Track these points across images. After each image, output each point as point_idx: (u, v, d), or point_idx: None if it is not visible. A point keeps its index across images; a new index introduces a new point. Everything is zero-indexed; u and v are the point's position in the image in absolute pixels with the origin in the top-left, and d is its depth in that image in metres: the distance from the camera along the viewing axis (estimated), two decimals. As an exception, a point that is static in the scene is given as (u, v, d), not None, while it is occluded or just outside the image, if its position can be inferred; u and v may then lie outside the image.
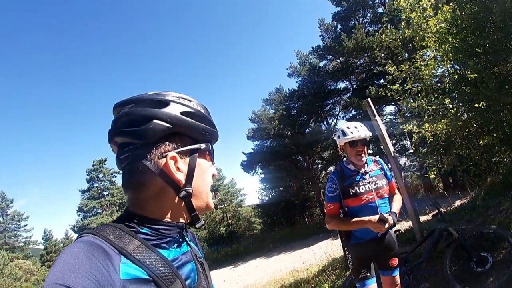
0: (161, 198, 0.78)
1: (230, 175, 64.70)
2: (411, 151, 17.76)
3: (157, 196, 0.78)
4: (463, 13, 4.65)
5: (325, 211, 2.67)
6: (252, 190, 72.49)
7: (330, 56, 21.37)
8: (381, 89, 7.49)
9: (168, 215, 0.79)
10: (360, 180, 2.64)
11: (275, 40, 66.20)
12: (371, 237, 2.64)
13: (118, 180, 27.26)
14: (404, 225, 6.95)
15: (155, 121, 0.77)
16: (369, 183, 2.64)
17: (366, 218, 2.49)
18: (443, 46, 5.34)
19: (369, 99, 5.33)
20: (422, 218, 5.92)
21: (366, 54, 18.59)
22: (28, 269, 24.19)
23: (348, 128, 2.65)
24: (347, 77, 21.50)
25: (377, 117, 5.13)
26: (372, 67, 19.34)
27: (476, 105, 5.03)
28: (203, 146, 0.84)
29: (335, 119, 24.02)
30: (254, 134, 24.48)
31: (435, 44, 5.55)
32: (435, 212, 4.20)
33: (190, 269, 0.82)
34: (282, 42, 64.28)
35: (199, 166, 0.83)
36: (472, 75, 5.08)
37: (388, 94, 6.92)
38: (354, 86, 21.49)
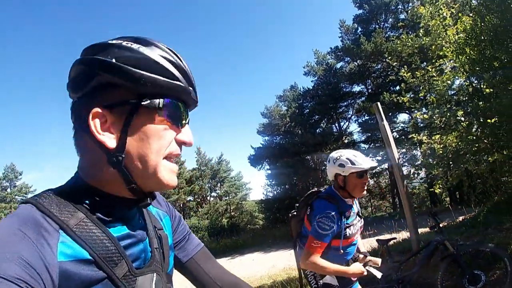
0: (98, 165, 0.66)
1: (237, 168, 64.89)
2: (420, 162, 17.56)
3: (94, 162, 0.66)
4: (483, 25, 4.54)
5: (307, 246, 2.10)
6: (257, 185, 72.41)
7: (348, 58, 21.27)
8: (394, 95, 7.39)
9: (110, 187, 0.67)
10: (355, 218, 2.22)
11: (295, 37, 65.69)
12: None
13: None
14: (403, 235, 6.89)
15: (80, 66, 0.66)
16: (358, 221, 2.24)
17: (349, 270, 2.13)
18: (460, 57, 5.24)
19: (378, 103, 5.33)
20: (422, 230, 5.86)
21: (384, 59, 18.39)
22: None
23: (354, 156, 2.20)
24: (363, 81, 21.35)
25: (385, 121, 5.18)
26: (389, 72, 19.14)
27: (489, 120, 4.92)
28: (146, 102, 0.64)
29: (347, 122, 23.94)
30: (264, 129, 24.57)
31: (452, 54, 5.43)
32: (433, 224, 4.18)
33: (141, 249, 0.71)
34: (301, 40, 63.64)
35: (137, 128, 0.65)
36: (487, 89, 4.97)
37: (400, 101, 6.84)
38: (369, 90, 21.32)
